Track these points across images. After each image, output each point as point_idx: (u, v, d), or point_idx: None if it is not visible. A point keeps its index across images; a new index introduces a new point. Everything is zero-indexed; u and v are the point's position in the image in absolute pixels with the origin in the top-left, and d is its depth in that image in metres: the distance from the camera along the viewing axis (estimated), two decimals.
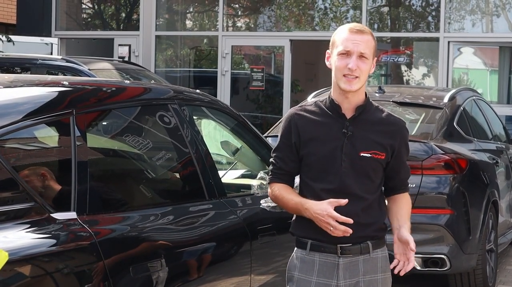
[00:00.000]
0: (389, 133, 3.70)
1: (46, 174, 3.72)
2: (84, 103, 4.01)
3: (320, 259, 3.68)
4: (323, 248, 3.67)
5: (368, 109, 3.71)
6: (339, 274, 3.66)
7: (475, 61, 16.47)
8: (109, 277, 3.63)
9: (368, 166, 3.66)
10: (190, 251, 4.23)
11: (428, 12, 15.51)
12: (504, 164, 8.56)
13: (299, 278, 3.71)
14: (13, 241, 3.35)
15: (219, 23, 16.10)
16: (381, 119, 3.72)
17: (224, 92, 15.71)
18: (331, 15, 15.98)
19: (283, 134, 3.76)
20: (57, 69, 10.18)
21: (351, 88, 3.63)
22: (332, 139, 3.65)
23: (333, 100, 3.69)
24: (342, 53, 3.64)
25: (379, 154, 3.66)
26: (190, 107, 4.79)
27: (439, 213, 7.05)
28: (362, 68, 3.63)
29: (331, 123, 3.67)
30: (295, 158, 3.71)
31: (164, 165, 4.67)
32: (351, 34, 3.65)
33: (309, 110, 3.73)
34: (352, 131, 3.65)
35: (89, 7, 18.53)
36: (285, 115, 3.81)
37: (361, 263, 3.68)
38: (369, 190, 3.67)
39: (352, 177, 3.64)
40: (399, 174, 3.77)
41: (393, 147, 3.70)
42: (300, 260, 3.72)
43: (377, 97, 8.19)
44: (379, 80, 16.07)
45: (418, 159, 7.09)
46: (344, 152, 3.64)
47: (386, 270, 3.77)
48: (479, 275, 7.32)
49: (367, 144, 3.66)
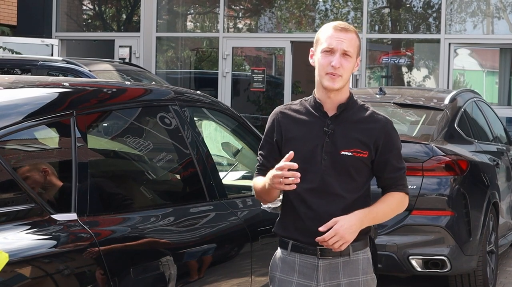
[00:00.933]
0: (372, 131, 3.65)
1: (46, 175, 3.72)
2: (85, 105, 4.01)
3: (301, 260, 3.66)
4: (303, 249, 3.65)
5: (351, 107, 3.68)
6: (319, 276, 3.64)
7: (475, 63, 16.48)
8: (110, 279, 3.63)
9: (350, 164, 3.62)
10: (191, 252, 4.23)
11: (429, 13, 15.52)
12: (505, 166, 8.56)
13: (280, 278, 3.71)
14: (13, 242, 3.35)
15: (220, 25, 16.10)
16: (364, 117, 3.68)
17: (225, 93, 15.71)
18: (332, 16, 15.98)
19: (266, 132, 3.77)
20: (58, 71, 10.18)
21: (334, 86, 3.61)
22: (314, 138, 3.64)
23: (316, 99, 3.69)
24: (325, 51, 3.63)
25: (360, 152, 3.62)
26: (191, 109, 4.79)
27: (439, 214, 7.04)
28: (345, 67, 3.61)
29: (313, 122, 3.66)
30: (278, 156, 3.69)
31: (164, 166, 4.67)
32: (335, 32, 3.64)
33: (294, 109, 3.73)
34: (333, 130, 3.63)
35: (89, 8, 18.54)
36: (271, 114, 3.81)
37: (341, 265, 3.65)
38: (350, 189, 3.63)
39: (333, 175, 3.61)
40: (385, 173, 3.69)
41: (376, 144, 3.65)
42: (282, 260, 3.72)
43: (378, 98, 8.20)
44: (379, 82, 16.07)
45: (419, 160, 7.09)
46: (325, 150, 3.62)
47: (368, 271, 3.73)
48: (480, 276, 7.31)
49: (348, 142, 3.62)
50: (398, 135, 3.75)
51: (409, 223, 7.04)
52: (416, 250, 7.02)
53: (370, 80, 15.80)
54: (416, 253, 7.01)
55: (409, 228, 7.04)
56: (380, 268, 6.24)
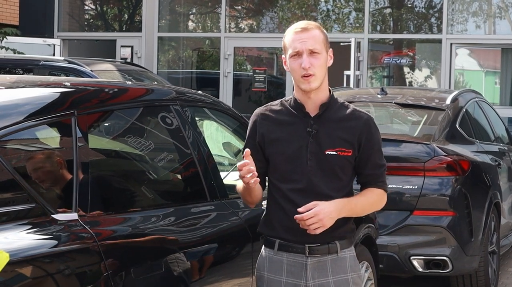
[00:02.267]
0: (354, 128, 3.66)
1: (47, 174, 3.72)
2: (86, 104, 4.01)
3: (288, 259, 3.68)
4: (291, 247, 3.66)
5: (332, 106, 3.69)
6: (308, 274, 3.65)
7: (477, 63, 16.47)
8: (110, 278, 3.62)
9: (335, 163, 3.64)
10: (192, 252, 4.22)
11: (430, 14, 15.52)
12: (507, 166, 8.55)
13: (269, 278, 3.72)
14: (14, 242, 3.35)
15: (221, 25, 16.11)
16: (345, 115, 3.69)
17: (226, 93, 15.71)
18: (334, 17, 15.98)
19: (249, 134, 3.79)
20: (60, 70, 10.17)
21: (311, 87, 3.62)
22: (297, 139, 3.65)
23: (297, 100, 3.70)
24: (293, 55, 3.65)
25: (345, 151, 3.64)
26: (192, 109, 4.79)
27: (441, 214, 7.04)
28: (316, 65, 3.61)
29: (296, 123, 3.68)
30: (261, 157, 3.71)
31: (165, 166, 4.67)
32: (296, 34, 3.66)
33: (274, 110, 3.74)
34: (316, 130, 3.64)
35: (91, 8, 18.55)
36: (252, 115, 3.83)
37: (329, 263, 3.67)
38: (337, 188, 3.65)
39: (319, 175, 3.63)
40: (366, 169, 3.70)
41: (358, 142, 3.66)
42: (269, 260, 3.73)
43: (379, 98, 8.20)
44: (381, 82, 16.07)
45: (421, 161, 7.08)
46: (310, 151, 3.63)
47: (355, 269, 3.74)
48: (481, 277, 7.31)
49: (332, 141, 3.64)
50: (379, 132, 3.76)
51: (411, 223, 7.03)
52: (418, 251, 7.01)
53: (371, 80, 15.79)
54: (417, 253, 7.01)
55: (411, 228, 7.03)
56: (381, 268, 6.23)
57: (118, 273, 3.68)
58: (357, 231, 5.35)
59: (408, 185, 7.06)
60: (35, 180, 3.64)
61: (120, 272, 3.70)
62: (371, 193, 3.73)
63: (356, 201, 3.68)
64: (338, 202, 3.58)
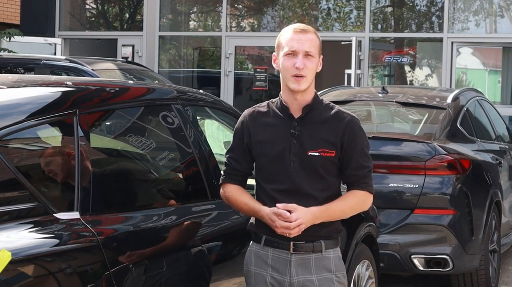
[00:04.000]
0: (337, 129, 3.70)
1: (49, 174, 3.72)
2: (88, 104, 4.02)
3: (274, 254, 3.73)
4: (276, 243, 3.72)
5: (316, 107, 3.74)
6: (292, 270, 3.70)
7: (478, 61, 16.47)
8: (112, 277, 3.63)
9: (318, 164, 3.68)
10: (193, 251, 4.23)
11: (431, 12, 15.51)
12: (507, 165, 8.56)
13: (255, 272, 3.78)
14: (16, 241, 3.35)
15: (222, 24, 16.11)
16: (329, 116, 3.73)
17: (227, 92, 15.72)
18: (335, 15, 15.98)
19: (236, 135, 3.84)
20: (61, 70, 10.18)
21: (300, 88, 3.67)
22: (281, 141, 3.70)
23: (282, 101, 3.75)
24: (288, 54, 3.68)
25: (328, 152, 3.68)
26: (193, 108, 4.80)
27: (442, 213, 7.05)
28: (309, 67, 3.67)
29: (280, 124, 3.73)
30: (249, 158, 3.79)
31: (167, 165, 4.68)
32: (295, 34, 3.69)
33: (261, 111, 3.80)
34: (299, 131, 3.69)
35: (92, 7, 18.55)
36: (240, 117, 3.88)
37: (313, 261, 3.71)
38: (321, 189, 3.69)
39: (302, 176, 3.67)
40: (347, 170, 3.74)
41: (341, 142, 3.70)
42: (255, 254, 3.79)
43: (380, 97, 8.20)
44: (382, 81, 16.07)
45: (421, 159, 7.09)
46: (293, 152, 3.68)
47: (339, 269, 3.78)
48: (482, 275, 7.31)
49: (315, 142, 3.68)
50: (364, 134, 3.79)
51: (411, 222, 7.04)
52: (418, 249, 7.02)
53: (372, 79, 15.79)
54: (418, 252, 7.01)
55: (411, 227, 7.04)
56: (382, 267, 6.24)
57: (120, 271, 3.69)
58: (358, 229, 5.37)
59: (409, 184, 7.07)
60: (37, 179, 3.65)
61: (122, 270, 3.71)
62: (352, 196, 3.76)
63: (335, 207, 3.71)
64: (315, 210, 3.64)
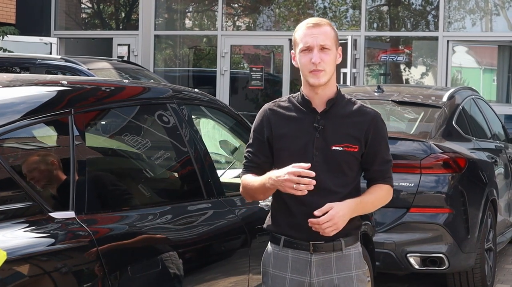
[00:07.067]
0: (361, 124, 3.68)
1: (44, 173, 3.72)
2: (83, 103, 4.02)
3: (293, 255, 3.69)
4: (296, 244, 3.67)
5: (339, 102, 3.71)
6: (312, 271, 3.66)
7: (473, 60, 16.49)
8: (107, 276, 3.63)
9: (341, 159, 3.65)
10: (189, 250, 4.23)
11: (427, 11, 15.52)
12: (503, 163, 8.57)
13: (273, 274, 3.73)
14: (11, 240, 3.35)
15: (218, 23, 16.11)
16: (352, 111, 3.70)
17: (223, 91, 15.72)
18: (331, 14, 15.99)
19: (256, 129, 3.79)
20: (56, 69, 10.18)
21: (320, 82, 3.64)
22: (304, 134, 3.66)
23: (304, 96, 3.71)
24: (303, 50, 3.66)
25: (351, 147, 3.65)
26: (189, 107, 4.80)
27: (437, 212, 7.05)
28: (326, 60, 3.63)
29: (303, 118, 3.69)
30: (267, 152, 3.73)
31: (162, 164, 4.68)
32: (308, 29, 3.66)
33: (282, 106, 3.75)
34: (323, 125, 3.65)
35: (88, 6, 18.55)
36: (259, 111, 3.83)
37: (334, 260, 3.68)
38: (342, 184, 3.65)
39: (325, 171, 3.62)
40: (373, 165, 3.72)
41: (366, 138, 3.68)
42: (274, 256, 3.74)
43: (376, 96, 8.20)
44: (378, 80, 16.08)
45: (417, 158, 7.09)
46: (316, 146, 3.64)
47: (360, 266, 3.75)
48: (478, 274, 7.32)
49: (339, 137, 3.65)
50: (386, 128, 3.78)
51: (407, 220, 7.04)
52: (414, 248, 7.02)
53: (368, 78, 15.80)
54: (414, 250, 7.01)
55: (407, 225, 7.04)
56: (378, 266, 6.24)
57: (115, 271, 3.69)
58: None
59: (404, 183, 7.07)
60: (32, 178, 3.65)
61: (117, 270, 3.71)
62: (380, 190, 3.74)
63: (367, 200, 3.69)
64: (351, 202, 3.60)
